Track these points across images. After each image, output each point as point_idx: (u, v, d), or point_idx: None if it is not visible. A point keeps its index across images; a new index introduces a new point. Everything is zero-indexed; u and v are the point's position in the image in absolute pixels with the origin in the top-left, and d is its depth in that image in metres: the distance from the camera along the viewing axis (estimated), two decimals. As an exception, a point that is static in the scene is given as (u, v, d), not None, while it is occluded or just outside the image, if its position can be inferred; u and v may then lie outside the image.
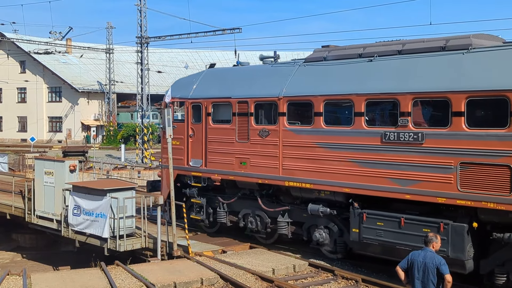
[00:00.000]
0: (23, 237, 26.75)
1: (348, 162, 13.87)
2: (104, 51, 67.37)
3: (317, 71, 14.87)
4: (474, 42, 12.68)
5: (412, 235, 12.92)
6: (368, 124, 13.61)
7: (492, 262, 12.35)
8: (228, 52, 70.46)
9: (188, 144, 17.37)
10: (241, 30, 55.45)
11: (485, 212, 12.03)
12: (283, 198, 15.84)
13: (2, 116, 73.79)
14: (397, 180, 13.09)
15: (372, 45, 14.45)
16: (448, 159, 12.32)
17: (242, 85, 16.39)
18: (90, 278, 14.09)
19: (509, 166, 11.47)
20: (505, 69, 11.80)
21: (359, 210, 13.81)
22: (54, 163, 20.54)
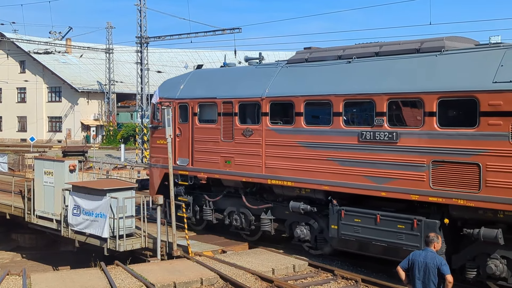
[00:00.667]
0: (23, 237, 26.98)
1: (327, 160, 14.45)
2: (104, 51, 68.08)
3: (299, 72, 15.46)
4: (447, 45, 13.25)
5: (388, 231, 13.50)
6: (346, 124, 14.19)
7: (463, 257, 12.92)
8: (228, 52, 71.10)
9: (175, 144, 17.95)
10: (241, 30, 56.04)
11: (456, 209, 12.59)
12: (267, 196, 16.43)
13: (1, 116, 74.61)
14: (373, 178, 13.66)
15: (351, 47, 15.02)
16: (421, 158, 12.89)
17: (227, 85, 17.00)
18: (90, 278, 14.22)
19: (478, 164, 12.02)
20: (475, 71, 12.36)
21: (337, 207, 14.39)
22: (53, 163, 20.70)
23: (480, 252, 12.63)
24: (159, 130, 18.53)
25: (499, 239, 12.07)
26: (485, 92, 11.95)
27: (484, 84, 12.01)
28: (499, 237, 12.07)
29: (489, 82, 11.95)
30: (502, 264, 12.27)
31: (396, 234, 13.38)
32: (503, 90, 11.73)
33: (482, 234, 12.24)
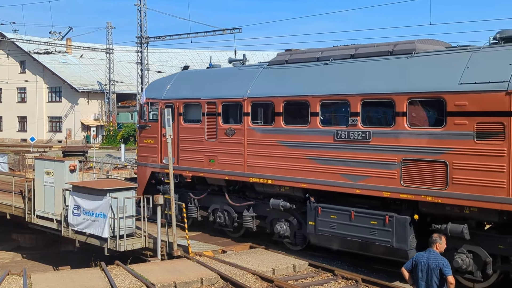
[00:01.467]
0: (23, 237, 27.31)
1: (305, 159, 15.16)
2: (104, 51, 68.93)
3: (279, 74, 16.17)
4: (418, 47, 13.93)
5: (361, 227, 14.21)
6: (322, 124, 14.90)
7: (433, 252, 13.55)
8: (228, 52, 71.78)
9: (161, 143, 18.69)
10: (241, 30, 56.92)
11: (425, 205, 13.29)
12: (249, 193, 17.16)
13: (2, 116, 75.56)
14: (348, 175, 14.36)
15: (329, 49, 15.73)
16: (392, 156, 13.58)
17: (211, 86, 17.74)
18: (90, 278, 14.37)
19: (445, 162, 12.71)
20: (443, 73, 13.04)
21: (315, 204, 15.10)
22: (54, 163, 20.90)
23: (448, 247, 13.27)
24: (146, 129, 19.32)
25: (465, 234, 12.75)
26: (451, 93, 12.63)
27: (451, 85, 12.69)
28: (465, 232, 12.75)
29: (455, 84, 12.63)
30: (468, 258, 12.96)
31: (370, 230, 14.07)
32: (468, 91, 12.41)
33: (449, 230, 12.93)
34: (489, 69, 12.37)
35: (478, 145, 12.26)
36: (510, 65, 12.07)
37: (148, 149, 18.64)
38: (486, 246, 12.76)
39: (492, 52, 12.71)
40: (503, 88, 11.91)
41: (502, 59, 12.33)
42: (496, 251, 12.65)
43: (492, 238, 12.72)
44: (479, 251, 12.82)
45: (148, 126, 19.22)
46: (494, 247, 12.69)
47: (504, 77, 11.97)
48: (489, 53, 12.73)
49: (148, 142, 18.85)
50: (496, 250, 12.66)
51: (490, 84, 12.14)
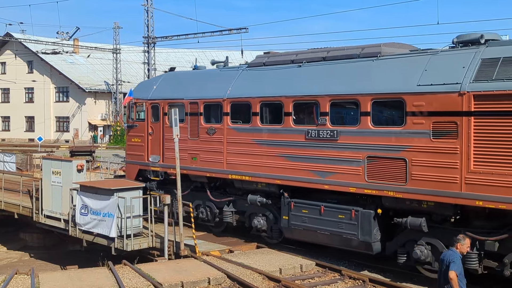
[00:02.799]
0: (31, 236, 27.93)
1: (279, 156, 16.29)
2: (111, 51, 70.46)
3: (256, 75, 17.34)
4: (384, 50, 15.01)
5: (330, 221, 15.32)
6: (295, 123, 16.03)
7: (395, 244, 14.69)
8: (235, 52, 73.01)
9: (148, 142, 19.96)
10: (247, 30, 58.22)
11: (388, 200, 14.37)
12: (229, 190, 18.33)
13: (9, 116, 77.32)
14: (318, 172, 15.47)
15: (303, 52, 16.86)
16: (357, 154, 14.67)
17: (194, 87, 18.95)
18: (97, 278, 14.62)
19: (405, 159, 13.78)
20: (403, 75, 14.12)
21: (288, 200, 16.22)
22: (61, 162, 21.36)
23: (408, 239, 14.39)
24: (134, 129, 20.58)
25: (423, 227, 13.80)
26: (410, 94, 13.71)
27: (410, 86, 13.76)
28: (423, 225, 13.80)
29: (414, 85, 13.70)
30: (426, 250, 14.00)
31: (338, 224, 15.17)
32: (425, 92, 13.47)
33: (409, 223, 13.99)
34: (444, 71, 13.42)
35: (434, 143, 13.31)
36: (463, 67, 13.11)
37: (136, 148, 19.92)
38: (442, 239, 13.80)
39: (448, 56, 13.77)
40: (456, 89, 12.96)
41: (456, 62, 13.37)
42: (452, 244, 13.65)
43: (447, 231, 13.74)
44: (436, 243, 13.86)
45: (136, 125, 20.49)
46: (450, 239, 13.67)
47: (457, 79, 13.02)
48: (446, 56, 13.78)
49: (135, 140, 20.12)
50: (452, 242, 13.65)
51: (444, 86, 13.19)
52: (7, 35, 70.81)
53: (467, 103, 12.76)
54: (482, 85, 12.64)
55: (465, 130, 12.80)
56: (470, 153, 12.77)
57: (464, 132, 12.83)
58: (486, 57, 12.97)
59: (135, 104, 20.44)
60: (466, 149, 12.80)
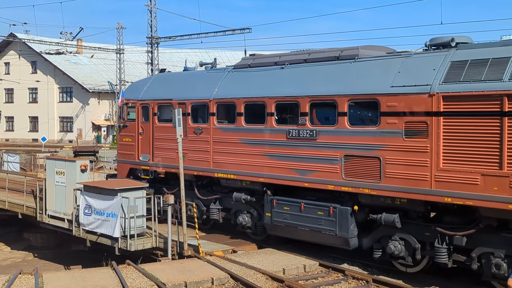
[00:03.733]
0: (35, 236, 28.36)
1: (262, 155, 17.08)
2: (115, 51, 71.47)
3: (241, 77, 18.13)
4: (361, 53, 15.76)
5: (310, 217, 16.08)
6: (277, 123, 16.81)
7: (371, 239, 15.45)
8: (238, 52, 73.90)
9: (138, 141, 20.82)
10: (251, 30, 59.06)
11: (364, 197, 15.13)
12: (215, 188, 19.14)
13: (13, 116, 78.56)
14: (299, 170, 16.24)
15: (286, 54, 17.64)
16: (335, 152, 15.43)
17: (182, 88, 19.79)
18: (101, 277, 14.76)
19: (379, 158, 14.53)
20: (378, 76, 14.87)
21: (271, 197, 17.00)
22: (65, 163, 21.71)
23: (383, 235, 15.16)
24: (125, 128, 21.44)
25: (396, 223, 14.55)
26: (384, 95, 14.46)
27: (384, 88, 14.51)
28: (396, 221, 14.55)
29: (388, 86, 14.45)
30: (400, 245, 14.75)
31: (317, 220, 15.94)
32: (398, 93, 14.22)
33: (383, 219, 14.75)
34: (416, 73, 14.16)
35: (406, 142, 14.05)
36: (433, 69, 13.85)
37: (127, 147, 20.78)
38: (415, 234, 14.55)
39: (420, 58, 14.51)
40: (426, 90, 13.70)
41: (428, 64, 14.11)
42: (424, 238, 14.43)
43: (420, 226, 14.50)
44: (409, 238, 14.61)
45: (127, 125, 21.34)
46: (422, 235, 14.47)
47: (428, 81, 13.76)
48: (418, 59, 14.52)
49: (126, 140, 20.97)
50: (424, 237, 14.43)
51: (416, 87, 13.94)
52: (11, 35, 71.91)
53: (437, 103, 13.49)
54: (450, 86, 13.36)
55: (435, 129, 13.52)
56: (439, 151, 13.50)
57: (434, 131, 13.55)
58: (455, 60, 13.70)
59: (126, 104, 21.32)
60: (435, 148, 13.53)
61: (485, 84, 12.83)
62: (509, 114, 12.43)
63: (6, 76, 76.73)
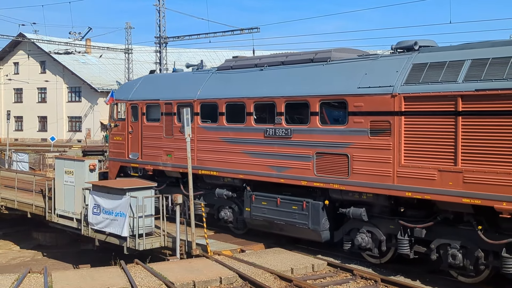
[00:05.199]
0: (44, 235, 28.95)
1: (242, 153, 18.36)
2: (123, 51, 72.90)
3: (224, 78, 19.44)
4: (334, 56, 16.98)
5: (285, 211, 17.36)
6: (255, 122, 18.10)
7: (341, 232, 16.68)
8: (246, 52, 75.09)
9: (128, 140, 22.22)
10: (259, 29, 60.28)
11: (334, 192, 16.38)
12: (200, 184, 20.42)
13: (22, 116, 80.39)
14: (275, 167, 17.50)
15: (266, 57, 18.95)
16: (308, 150, 16.67)
17: (169, 89, 21.15)
18: (110, 277, 15.08)
19: (347, 155, 15.74)
20: (347, 78, 16.09)
21: (250, 192, 18.28)
22: (74, 162, 22.27)
23: (352, 228, 16.38)
24: (116, 128, 22.82)
25: (363, 216, 15.76)
26: (352, 96, 15.68)
27: (352, 89, 15.74)
28: (363, 215, 15.78)
29: (355, 88, 15.67)
30: (367, 237, 15.96)
31: (292, 214, 17.20)
32: (364, 94, 15.44)
33: (351, 213, 15.99)
34: (381, 75, 15.38)
35: (371, 140, 15.26)
36: (396, 71, 15.05)
37: (118, 145, 22.21)
38: (381, 227, 15.75)
39: (386, 61, 15.72)
40: (389, 91, 14.90)
41: (392, 67, 15.32)
42: (389, 231, 15.62)
43: (385, 220, 15.70)
44: (376, 231, 15.83)
45: (117, 124, 22.74)
46: (387, 227, 15.67)
47: (391, 82, 14.96)
48: (384, 61, 15.74)
49: (117, 139, 22.38)
50: (389, 229, 15.63)
51: (380, 88, 15.15)
52: (20, 35, 73.67)
53: (399, 104, 14.69)
54: (411, 87, 14.56)
55: (397, 128, 14.73)
56: (401, 149, 14.70)
57: (396, 130, 14.76)
58: (416, 62, 14.89)
59: (116, 104, 22.69)
60: (397, 145, 14.73)
61: (442, 85, 14.00)
62: (463, 113, 13.60)
63: (15, 76, 78.67)
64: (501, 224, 13.61)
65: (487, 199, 13.17)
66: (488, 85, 13.22)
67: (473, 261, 14.04)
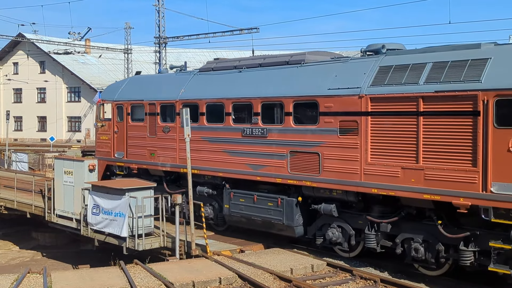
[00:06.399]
0: (43, 235, 29.43)
1: (222, 152, 19.39)
2: (122, 51, 74.02)
3: (205, 79, 20.47)
4: (308, 58, 17.98)
5: (262, 208, 18.37)
6: (234, 122, 19.12)
7: (314, 227, 17.68)
8: (246, 52, 76.23)
9: (114, 139, 23.29)
10: (258, 30, 61.21)
11: (306, 189, 17.39)
12: (182, 182, 21.42)
13: (22, 116, 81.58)
14: (252, 165, 18.52)
15: (245, 59, 19.98)
16: (282, 149, 17.68)
17: (153, 90, 22.22)
18: (109, 277, 15.31)
19: (318, 153, 16.73)
20: (319, 80, 17.09)
21: (229, 190, 19.29)
22: (73, 162, 22.71)
23: (324, 223, 17.38)
24: (103, 127, 23.88)
25: (333, 212, 16.76)
26: (322, 97, 16.69)
27: (322, 90, 16.74)
28: (333, 211, 16.78)
29: (326, 89, 16.68)
30: (337, 232, 16.95)
31: (267, 210, 18.22)
32: (333, 95, 16.44)
33: (323, 209, 17.00)
34: (350, 77, 16.38)
35: (341, 139, 16.26)
36: (364, 74, 16.04)
37: (104, 145, 23.30)
38: (350, 222, 16.74)
39: (355, 63, 16.72)
40: (357, 93, 15.90)
41: (360, 69, 16.32)
42: (358, 226, 16.61)
43: (353, 215, 16.69)
44: (345, 226, 16.82)
45: (104, 124, 23.80)
46: (356, 222, 16.66)
47: (358, 84, 15.96)
48: (353, 64, 16.73)
49: (103, 138, 23.47)
50: (357, 224, 16.62)
51: (348, 90, 16.15)
52: (20, 35, 74.86)
53: (365, 104, 15.68)
54: (376, 89, 15.55)
55: (364, 127, 15.73)
56: (367, 147, 15.70)
57: (363, 129, 15.76)
58: (383, 65, 15.89)
59: (103, 105, 23.76)
60: (364, 144, 15.73)
61: (405, 87, 15.00)
62: (424, 114, 14.59)
63: (14, 76, 79.87)
64: (460, 219, 14.59)
65: (446, 195, 14.16)
66: (446, 87, 14.20)
67: (434, 254, 15.01)
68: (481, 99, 13.48)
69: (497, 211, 13.41)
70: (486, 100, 13.40)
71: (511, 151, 13.05)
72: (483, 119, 13.49)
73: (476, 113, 13.61)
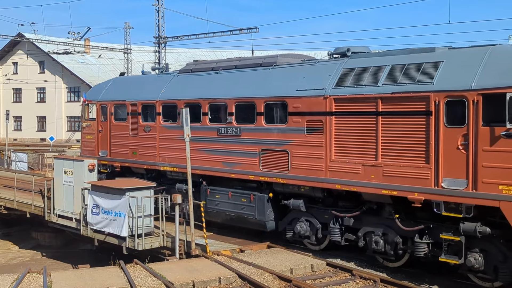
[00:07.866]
0: (43, 235, 29.52)
1: (199, 150, 20.62)
2: (122, 51, 75.33)
3: (184, 81, 21.74)
4: (279, 60, 19.20)
5: (236, 204, 19.60)
6: (210, 122, 20.37)
7: (285, 222, 18.91)
8: (245, 52, 77.35)
9: (98, 138, 24.62)
10: (258, 29, 62.35)
11: (277, 185, 18.63)
12: (163, 180, 22.70)
13: (21, 116, 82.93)
14: (227, 163, 19.75)
15: (221, 61, 21.23)
16: (254, 147, 18.90)
17: (135, 90, 23.53)
18: (109, 277, 15.44)
19: (287, 151, 17.95)
20: (288, 81, 18.30)
21: (205, 187, 20.52)
22: (73, 162, 22.85)
23: (293, 218, 18.60)
24: (87, 127, 25.19)
25: (301, 207, 17.98)
26: (291, 98, 17.90)
27: (291, 91, 17.96)
28: (301, 206, 18.00)
29: (294, 90, 17.89)
30: (306, 226, 18.17)
31: (241, 206, 19.45)
32: (301, 96, 17.65)
33: (292, 204, 18.23)
34: (316, 78, 17.58)
35: (308, 138, 17.47)
36: (329, 76, 17.24)
37: (89, 144, 24.68)
38: (317, 216, 17.95)
39: (322, 65, 17.95)
40: (322, 94, 17.10)
41: (326, 71, 17.53)
42: (324, 220, 17.81)
43: (320, 210, 17.90)
44: (313, 220, 18.04)
45: (89, 124, 25.11)
46: (323, 217, 17.87)
47: (323, 85, 17.16)
48: (320, 66, 17.95)
49: (88, 137, 24.82)
50: (324, 219, 17.83)
51: (314, 91, 17.36)
52: (19, 35, 76.14)
53: (330, 105, 16.88)
54: (340, 90, 16.75)
55: (328, 127, 16.93)
56: (331, 146, 16.90)
57: (327, 128, 16.96)
58: (346, 67, 17.08)
59: (88, 105, 25.07)
60: (329, 143, 16.93)
61: (365, 88, 16.19)
62: (382, 113, 15.79)
63: (14, 76, 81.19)
64: (415, 212, 15.77)
65: (402, 190, 15.35)
66: (402, 88, 15.38)
67: (393, 246, 16.19)
68: (433, 100, 14.64)
69: (448, 205, 14.58)
70: (438, 100, 14.56)
71: (460, 148, 14.19)
72: (435, 118, 14.65)
73: (428, 113, 14.78)
